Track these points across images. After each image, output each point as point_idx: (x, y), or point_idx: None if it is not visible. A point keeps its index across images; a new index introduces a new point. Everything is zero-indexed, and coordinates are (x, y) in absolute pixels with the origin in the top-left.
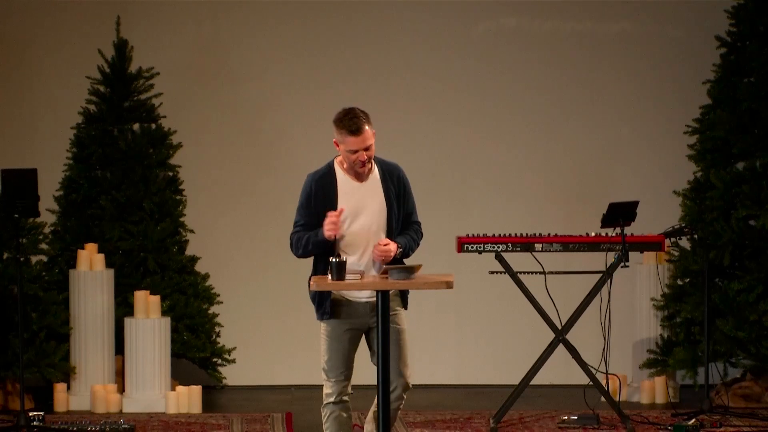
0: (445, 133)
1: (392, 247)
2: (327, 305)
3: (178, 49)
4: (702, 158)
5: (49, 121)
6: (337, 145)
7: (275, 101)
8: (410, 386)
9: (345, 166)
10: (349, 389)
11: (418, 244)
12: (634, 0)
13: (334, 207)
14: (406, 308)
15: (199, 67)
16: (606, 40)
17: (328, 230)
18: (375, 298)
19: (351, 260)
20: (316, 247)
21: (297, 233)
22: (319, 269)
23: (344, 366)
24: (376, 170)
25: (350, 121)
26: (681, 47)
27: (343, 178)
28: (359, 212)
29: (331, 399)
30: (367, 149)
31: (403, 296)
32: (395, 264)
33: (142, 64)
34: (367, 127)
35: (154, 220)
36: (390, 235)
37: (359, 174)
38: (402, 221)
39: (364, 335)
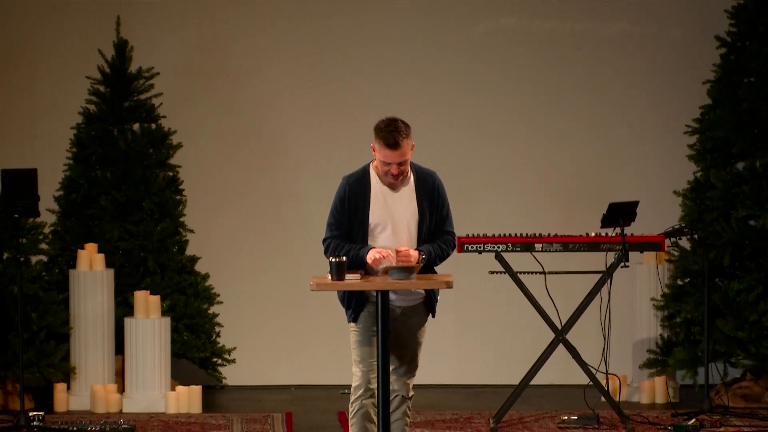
0: (444, 132)
1: (413, 254)
2: (355, 310)
3: (178, 49)
4: (702, 158)
5: (49, 121)
6: (374, 150)
7: (275, 101)
8: (412, 394)
9: (379, 170)
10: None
11: (448, 254)
12: (634, 0)
13: (366, 213)
14: (434, 315)
15: (199, 67)
16: (606, 40)
17: (373, 258)
18: (405, 304)
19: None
20: (355, 263)
21: (334, 239)
22: None
23: (373, 357)
24: (411, 178)
25: (389, 134)
26: (681, 47)
27: (377, 185)
28: (390, 220)
29: (360, 391)
30: (400, 164)
31: (431, 305)
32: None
33: (142, 64)
34: (404, 142)
35: (154, 220)
36: (420, 240)
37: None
38: (434, 229)
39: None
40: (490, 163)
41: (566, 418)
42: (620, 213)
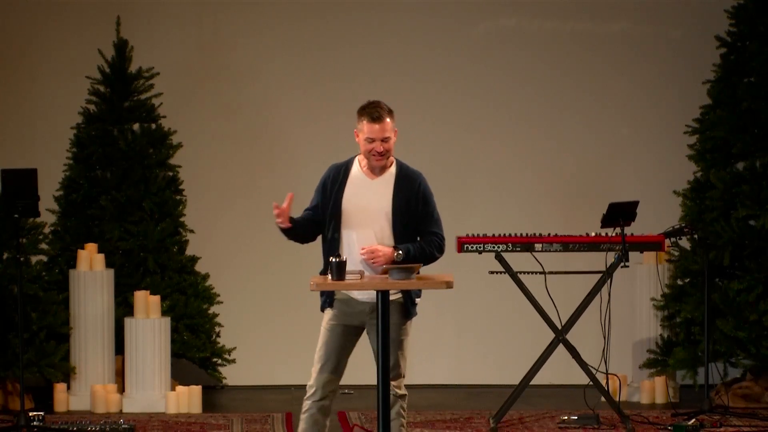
0: (444, 133)
1: (381, 250)
2: (327, 297)
3: (178, 49)
4: (702, 158)
5: (49, 121)
6: (357, 136)
7: (275, 101)
8: (405, 393)
9: (363, 162)
10: (336, 387)
11: (433, 255)
12: (634, 0)
13: (340, 197)
14: (409, 318)
15: (199, 67)
16: (606, 40)
17: (277, 220)
18: (374, 300)
19: (351, 254)
20: (283, 234)
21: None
22: (324, 261)
23: (331, 359)
24: (392, 171)
25: (372, 109)
26: (681, 47)
27: (356, 172)
28: (363, 209)
29: (310, 392)
30: (384, 141)
31: (406, 307)
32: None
33: (142, 64)
34: (388, 119)
35: (154, 220)
36: (395, 236)
37: (374, 171)
38: (416, 229)
39: (368, 336)
40: (490, 163)
41: (566, 418)
42: (620, 213)
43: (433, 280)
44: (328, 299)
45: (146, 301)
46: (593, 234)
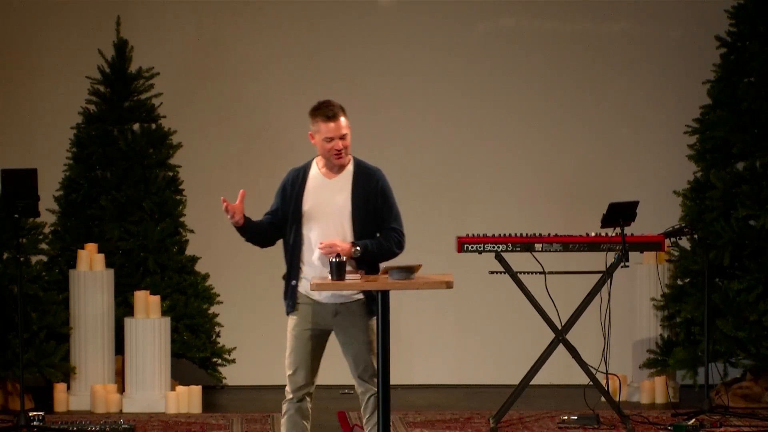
0: (444, 133)
1: (340, 245)
2: (290, 300)
3: (178, 49)
4: (702, 158)
5: (49, 121)
6: (312, 138)
7: (275, 101)
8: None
9: (321, 163)
10: (311, 390)
11: (392, 251)
12: (634, 0)
13: (300, 200)
14: (373, 316)
15: (199, 67)
16: (606, 40)
17: (230, 218)
18: (338, 301)
19: (312, 256)
20: (240, 232)
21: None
22: (286, 265)
23: (303, 365)
24: (350, 169)
25: (326, 109)
26: (681, 47)
27: (315, 173)
28: (323, 208)
29: (289, 396)
30: (342, 138)
31: (368, 305)
32: (361, 266)
33: (142, 64)
34: (342, 117)
35: (154, 220)
36: (356, 233)
37: (330, 171)
38: (377, 226)
39: (337, 338)
40: (490, 163)
41: (566, 418)
42: (620, 213)
43: (433, 280)
44: (291, 304)
45: (146, 301)
46: (593, 234)
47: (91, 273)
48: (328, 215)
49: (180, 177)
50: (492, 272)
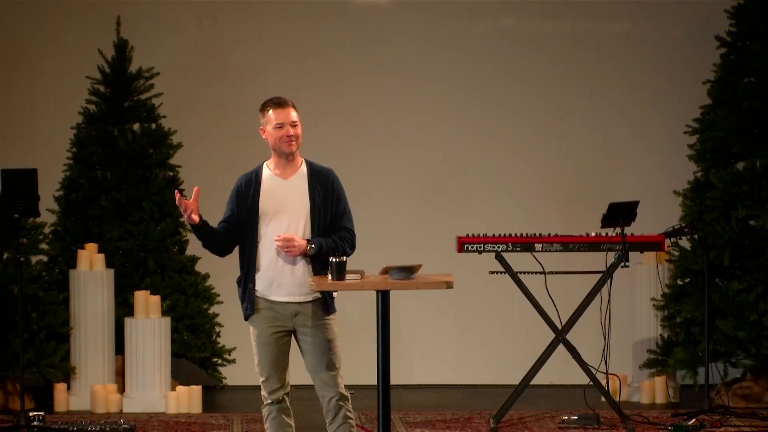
0: (444, 132)
1: (298, 242)
2: (249, 304)
3: (178, 49)
4: (702, 158)
5: (49, 121)
6: (263, 133)
7: None
8: (347, 394)
9: (273, 164)
10: (288, 390)
11: (345, 251)
12: (634, 0)
13: (256, 204)
14: (333, 312)
15: (199, 67)
16: (606, 40)
17: (185, 216)
18: (296, 300)
19: (270, 256)
20: (195, 233)
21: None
22: (242, 269)
23: (274, 369)
24: (304, 169)
25: (274, 98)
26: (681, 47)
27: (268, 176)
28: (281, 209)
29: (268, 401)
30: (293, 126)
31: (325, 301)
32: (316, 263)
33: (142, 64)
34: (293, 109)
35: (154, 220)
36: (314, 233)
37: (285, 171)
38: (331, 225)
39: (294, 338)
40: (491, 163)
41: (566, 418)
42: (620, 213)
43: (433, 280)
44: (250, 308)
45: (146, 301)
46: (593, 234)
47: (91, 273)
48: (287, 215)
49: (180, 177)
50: (492, 272)
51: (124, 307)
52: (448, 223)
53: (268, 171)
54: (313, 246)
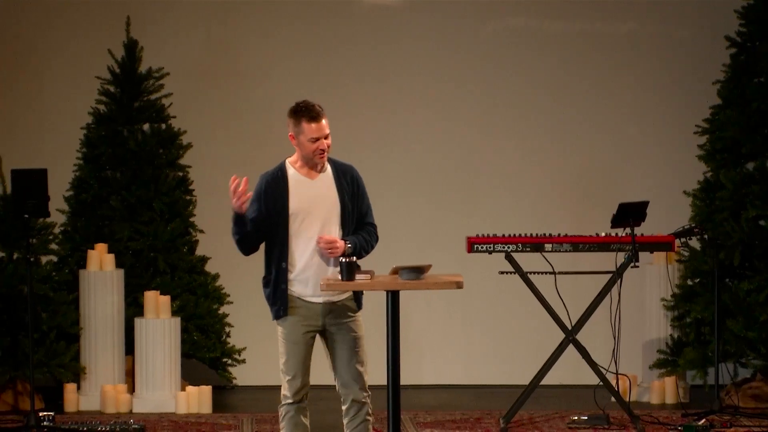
0: (454, 133)
1: (339, 244)
2: (281, 304)
3: (187, 49)
4: (712, 158)
5: (59, 121)
6: (293, 139)
7: (285, 101)
8: (369, 393)
9: (298, 164)
10: (307, 390)
11: (373, 246)
12: (643, 0)
13: (285, 204)
14: (360, 308)
15: (208, 68)
16: (615, 40)
17: (234, 202)
18: (331, 300)
19: (305, 256)
20: (235, 224)
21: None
22: (271, 269)
23: (301, 368)
24: (328, 168)
25: (309, 109)
26: (691, 47)
27: (294, 176)
28: (312, 209)
29: (288, 400)
30: (327, 138)
31: (357, 298)
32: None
33: (152, 65)
34: (324, 118)
35: (164, 221)
36: (344, 231)
37: (311, 171)
38: (356, 222)
39: (320, 336)
40: (500, 164)
41: (576, 418)
42: (630, 213)
43: (442, 280)
44: (282, 308)
45: (156, 302)
46: (603, 234)
47: (101, 273)
48: (318, 215)
49: (190, 177)
50: (502, 272)
51: (134, 308)
52: (457, 224)
53: (293, 170)
54: (350, 245)
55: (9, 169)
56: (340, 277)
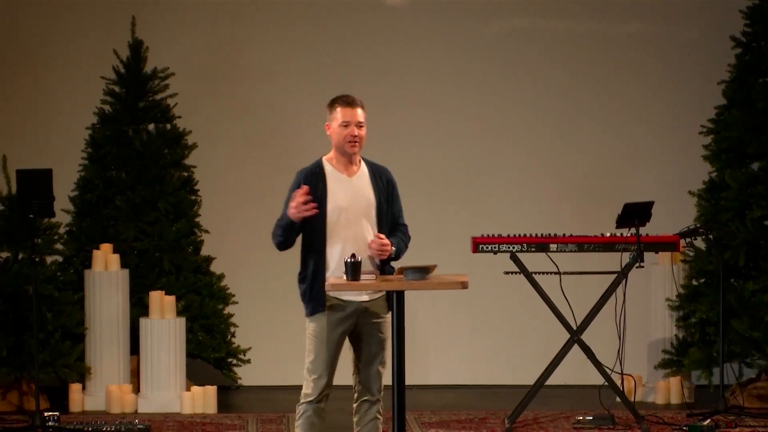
0: (459, 133)
1: (386, 243)
2: (318, 301)
3: (193, 49)
4: (717, 158)
5: (64, 121)
6: (328, 128)
7: (290, 101)
8: (381, 402)
9: (334, 160)
10: (329, 392)
11: (407, 246)
12: (648, 1)
13: (323, 201)
14: (390, 309)
15: (214, 68)
16: (620, 40)
17: (294, 211)
18: (368, 299)
19: (337, 253)
20: (285, 231)
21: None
22: (308, 266)
23: (328, 369)
24: (364, 168)
25: (345, 96)
26: (696, 47)
27: (332, 172)
28: (348, 206)
29: (309, 398)
30: (359, 126)
31: (389, 298)
32: (384, 262)
33: (157, 65)
34: (361, 108)
35: (170, 221)
36: (380, 231)
37: (348, 168)
38: (392, 222)
39: (348, 337)
40: (505, 164)
41: (581, 418)
42: (635, 213)
43: (448, 280)
44: (320, 305)
45: (161, 302)
46: (608, 234)
47: (106, 273)
48: (356, 214)
49: (195, 177)
50: (507, 272)
51: (139, 308)
52: (462, 224)
53: (330, 167)
54: (393, 248)
55: (14, 169)
56: (349, 278)
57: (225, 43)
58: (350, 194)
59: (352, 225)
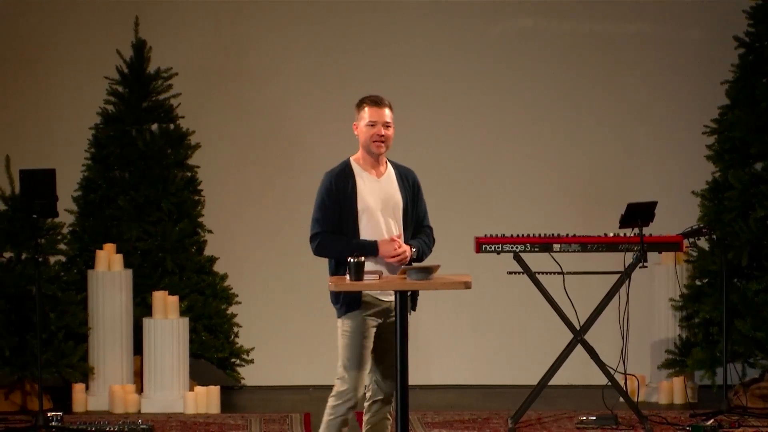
0: (462, 133)
1: (407, 250)
2: (353, 299)
3: (196, 49)
4: (720, 158)
5: (68, 121)
6: (356, 128)
7: (293, 101)
8: (393, 402)
9: (361, 160)
10: (363, 392)
11: (431, 249)
12: (652, 1)
13: (353, 201)
14: (414, 309)
15: (217, 68)
16: (624, 40)
17: (391, 256)
18: (392, 300)
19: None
20: (344, 253)
21: (324, 234)
22: (339, 267)
23: (368, 363)
24: (391, 170)
25: (373, 96)
26: (699, 48)
27: (360, 172)
28: (377, 206)
29: (343, 399)
30: (386, 127)
31: (414, 299)
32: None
33: (161, 65)
34: (388, 108)
35: (173, 221)
36: (405, 232)
37: (375, 168)
38: (416, 223)
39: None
40: (509, 164)
41: (584, 418)
42: (639, 213)
43: (451, 280)
44: (355, 304)
45: (165, 302)
46: (611, 234)
47: (110, 273)
48: (383, 214)
49: (198, 177)
50: (510, 272)
51: (142, 308)
52: (465, 224)
53: (358, 167)
54: (414, 250)
55: (17, 169)
56: (352, 278)
57: (228, 43)
58: (379, 195)
59: (380, 224)
